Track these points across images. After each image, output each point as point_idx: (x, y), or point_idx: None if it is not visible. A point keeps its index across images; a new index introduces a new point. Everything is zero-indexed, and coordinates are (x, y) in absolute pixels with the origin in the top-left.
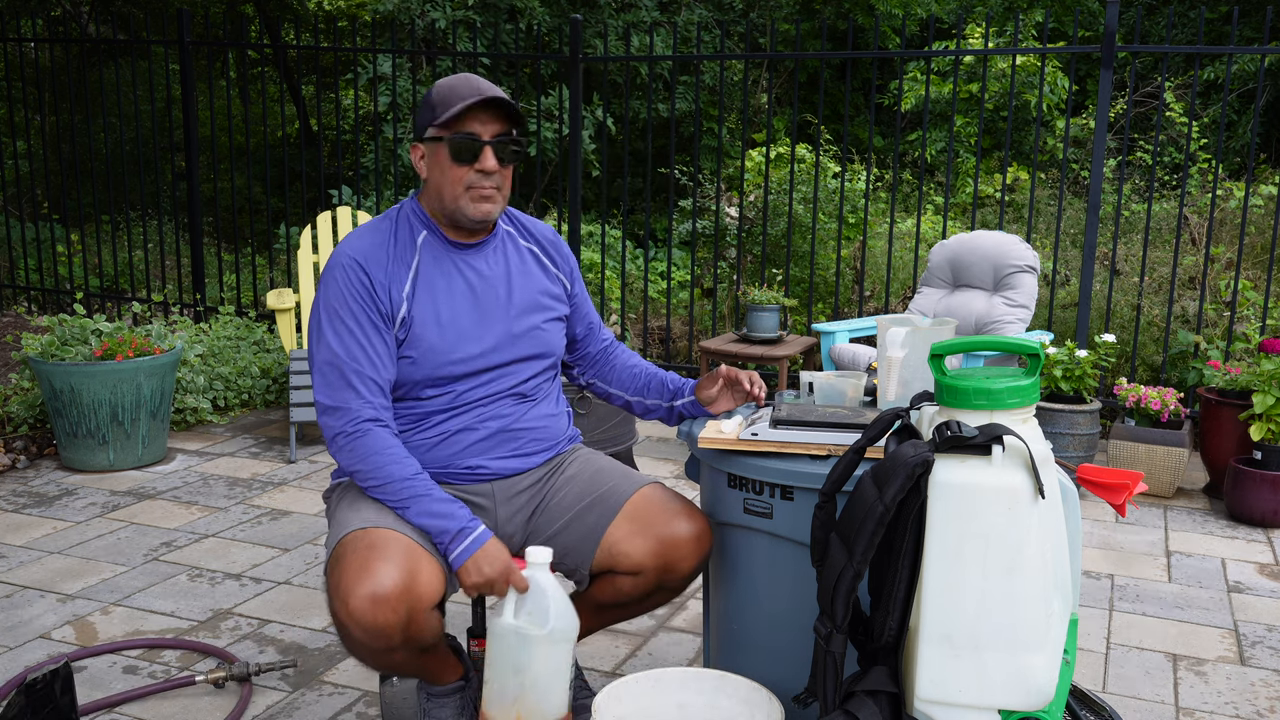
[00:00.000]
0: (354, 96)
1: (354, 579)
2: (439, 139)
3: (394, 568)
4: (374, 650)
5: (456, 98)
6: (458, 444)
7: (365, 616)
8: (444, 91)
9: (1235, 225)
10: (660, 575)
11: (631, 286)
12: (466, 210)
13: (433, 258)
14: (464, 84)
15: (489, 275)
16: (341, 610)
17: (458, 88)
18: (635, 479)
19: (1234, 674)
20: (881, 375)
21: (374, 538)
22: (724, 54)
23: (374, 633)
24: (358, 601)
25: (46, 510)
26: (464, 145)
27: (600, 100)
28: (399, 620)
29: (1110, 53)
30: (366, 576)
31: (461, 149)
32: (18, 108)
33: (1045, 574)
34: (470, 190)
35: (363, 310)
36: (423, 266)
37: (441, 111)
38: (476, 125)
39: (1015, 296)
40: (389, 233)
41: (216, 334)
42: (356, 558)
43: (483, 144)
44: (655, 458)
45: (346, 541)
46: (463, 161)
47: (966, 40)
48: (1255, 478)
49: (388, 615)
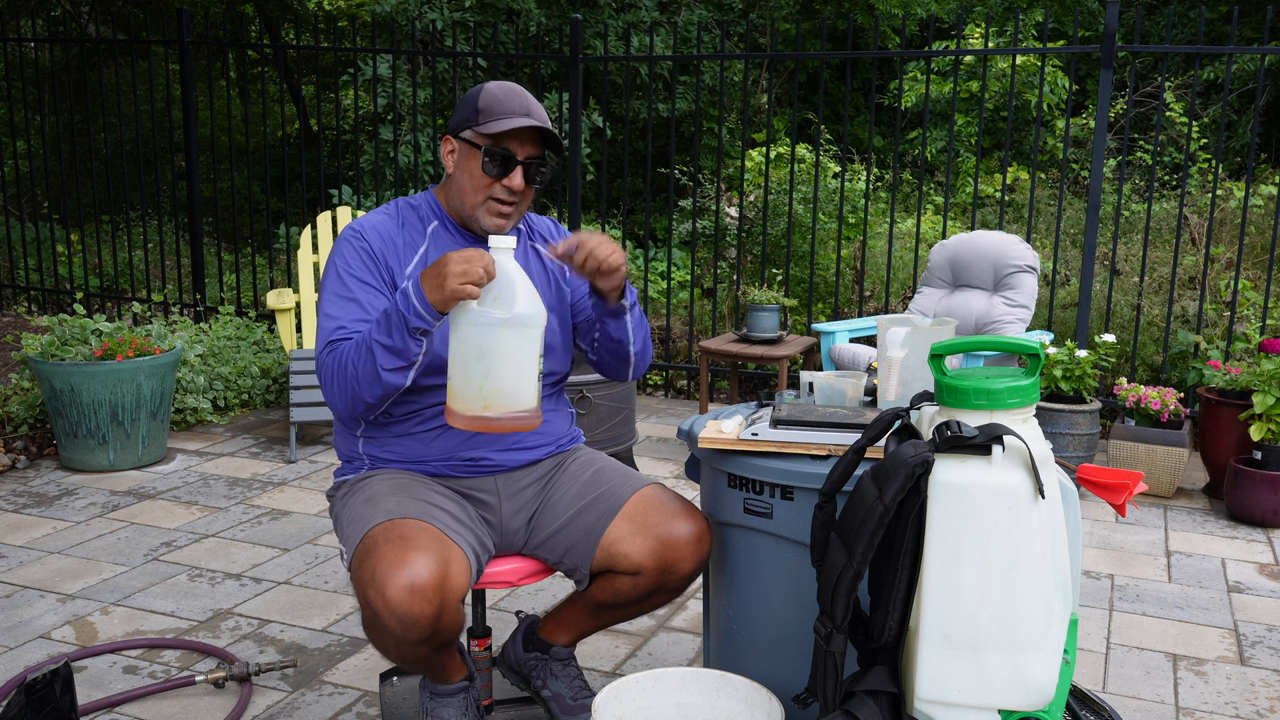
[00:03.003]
0: (354, 96)
1: (390, 568)
2: (475, 144)
3: (430, 558)
4: (403, 642)
5: (505, 112)
6: (459, 434)
7: (402, 606)
8: (493, 100)
9: (1235, 225)
10: (660, 576)
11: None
12: (481, 220)
13: (441, 249)
14: (514, 99)
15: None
16: (378, 600)
17: (507, 101)
18: (635, 479)
19: (1234, 674)
20: (881, 375)
21: (405, 528)
22: (724, 54)
23: (409, 623)
24: (395, 591)
25: (46, 510)
26: (498, 160)
27: (599, 103)
28: (433, 611)
29: (1110, 53)
30: (403, 566)
31: (494, 163)
32: (18, 108)
33: (1045, 574)
34: (490, 202)
35: (367, 272)
36: (430, 254)
37: (485, 120)
38: (514, 143)
39: (1015, 296)
40: (396, 217)
41: (216, 334)
42: (391, 548)
43: (516, 163)
44: (655, 458)
45: (377, 532)
46: (492, 175)
47: (966, 40)
48: (1255, 478)
49: (423, 605)
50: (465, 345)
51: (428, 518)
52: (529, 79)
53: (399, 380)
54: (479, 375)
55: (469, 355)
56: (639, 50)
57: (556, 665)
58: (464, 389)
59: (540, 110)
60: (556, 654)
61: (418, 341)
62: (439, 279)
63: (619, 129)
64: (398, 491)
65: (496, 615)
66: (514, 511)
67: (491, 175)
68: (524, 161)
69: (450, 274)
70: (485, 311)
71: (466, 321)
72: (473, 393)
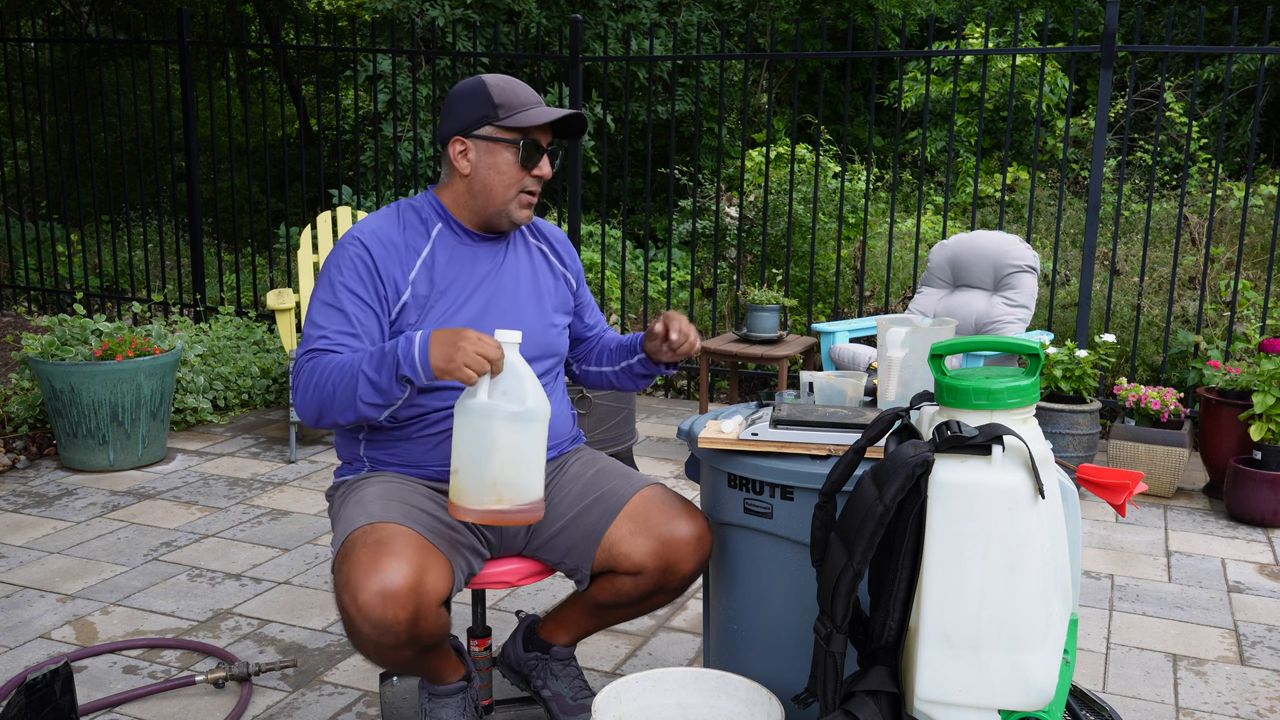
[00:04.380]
0: (354, 96)
1: (364, 574)
2: (501, 140)
3: (404, 563)
4: (381, 646)
5: (528, 102)
6: None
7: (374, 612)
8: (506, 94)
9: (1235, 225)
10: (660, 576)
11: (631, 286)
12: (514, 214)
13: (447, 249)
14: (524, 90)
15: (497, 266)
16: (350, 605)
17: (520, 93)
18: (636, 479)
19: (1234, 674)
20: (881, 375)
21: (382, 533)
22: (724, 54)
23: (382, 628)
24: (367, 596)
25: (46, 510)
26: (534, 150)
27: (600, 99)
28: (408, 616)
29: (1110, 53)
30: (376, 572)
31: (532, 154)
32: (18, 108)
33: (1045, 574)
34: (522, 195)
35: (360, 284)
36: (429, 257)
37: (508, 114)
38: (539, 133)
39: (1015, 296)
40: (397, 221)
41: (216, 334)
42: (366, 553)
43: (544, 151)
44: (655, 458)
45: (355, 536)
46: (527, 166)
47: (966, 40)
48: (1255, 478)
49: (397, 611)
50: (478, 438)
51: (410, 522)
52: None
53: (374, 415)
54: (493, 468)
55: (482, 448)
56: (638, 53)
57: (557, 665)
58: (476, 483)
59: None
60: (557, 654)
61: (402, 388)
62: (450, 349)
63: (619, 129)
64: (386, 496)
65: (496, 615)
66: None
67: (528, 168)
68: (548, 149)
69: (464, 351)
70: (497, 405)
71: (479, 414)
72: (485, 486)
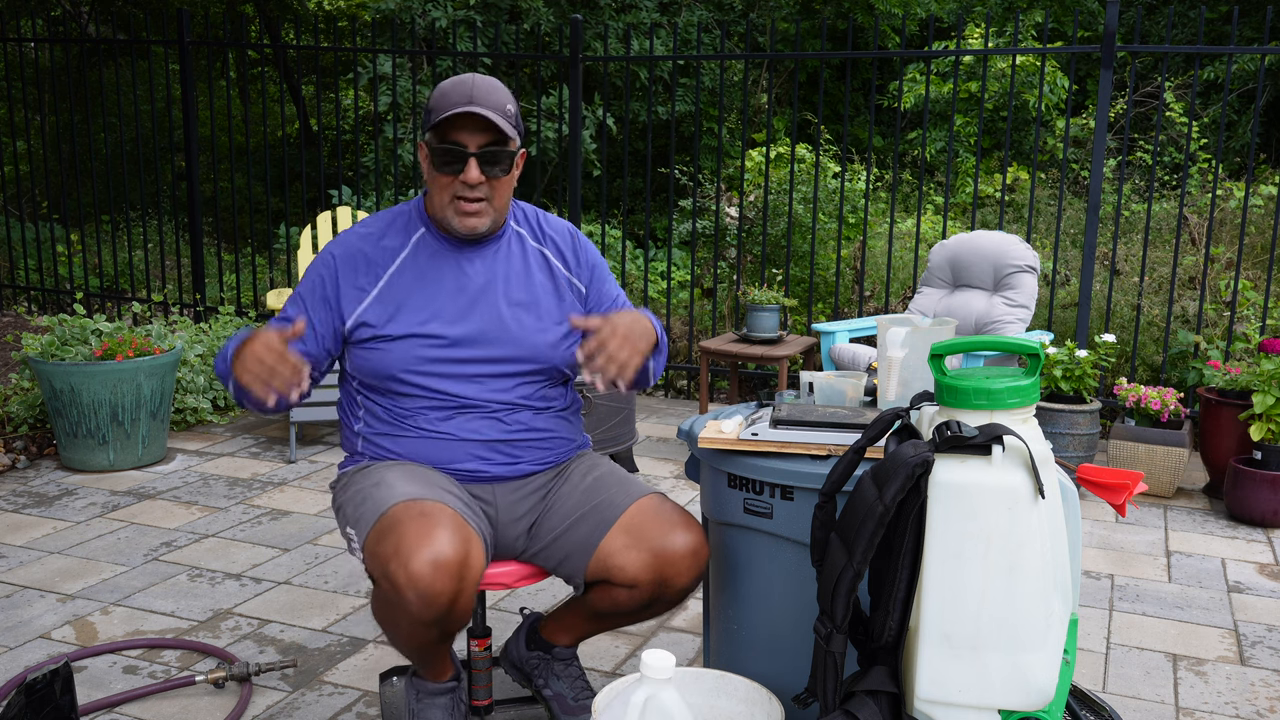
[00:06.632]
0: (354, 96)
1: (415, 543)
2: (429, 145)
3: (454, 535)
4: (417, 621)
5: (448, 105)
6: (462, 442)
7: (424, 580)
8: (439, 95)
9: (1235, 225)
10: (656, 589)
11: (632, 286)
12: (452, 222)
13: (427, 254)
14: (456, 89)
15: (482, 272)
16: (400, 573)
17: (451, 94)
18: (633, 488)
19: (1234, 674)
20: (881, 375)
21: (425, 507)
22: (724, 54)
23: (428, 599)
24: (419, 565)
25: (46, 510)
26: (447, 155)
27: (601, 100)
28: (454, 588)
29: (1110, 53)
30: (428, 541)
31: (444, 159)
32: (18, 108)
33: (1045, 574)
34: (456, 202)
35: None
36: (408, 260)
37: (433, 118)
38: (464, 135)
39: (1015, 296)
40: (384, 227)
41: (216, 334)
42: (415, 524)
43: (468, 155)
44: (655, 458)
45: (397, 510)
46: (446, 171)
47: (966, 40)
48: (1255, 478)
49: (446, 581)
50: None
51: (445, 499)
52: (530, 79)
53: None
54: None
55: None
56: (639, 52)
57: (559, 665)
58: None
59: (492, 97)
60: (558, 654)
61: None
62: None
63: (619, 129)
64: (411, 477)
65: (497, 615)
66: (513, 519)
67: (447, 173)
68: (476, 153)
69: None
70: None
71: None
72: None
